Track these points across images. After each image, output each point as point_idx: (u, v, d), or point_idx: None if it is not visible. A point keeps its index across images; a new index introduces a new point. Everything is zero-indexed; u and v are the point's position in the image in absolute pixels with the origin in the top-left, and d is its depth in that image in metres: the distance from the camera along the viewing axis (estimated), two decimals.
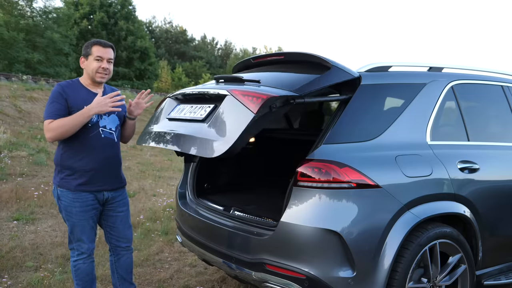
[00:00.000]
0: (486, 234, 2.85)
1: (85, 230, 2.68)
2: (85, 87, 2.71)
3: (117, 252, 2.91)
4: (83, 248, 2.70)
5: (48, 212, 5.30)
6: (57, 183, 2.67)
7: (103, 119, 2.69)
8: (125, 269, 2.92)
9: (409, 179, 2.47)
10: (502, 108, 3.33)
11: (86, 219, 2.67)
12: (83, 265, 2.71)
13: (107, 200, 2.77)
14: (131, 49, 37.59)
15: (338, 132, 2.47)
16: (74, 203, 2.63)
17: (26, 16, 31.15)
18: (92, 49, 2.67)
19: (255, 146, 4.03)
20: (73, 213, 2.64)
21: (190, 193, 3.33)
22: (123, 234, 2.88)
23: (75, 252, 2.72)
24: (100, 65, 2.65)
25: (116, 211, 2.83)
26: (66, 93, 2.61)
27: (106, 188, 2.73)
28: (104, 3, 37.60)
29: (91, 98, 2.62)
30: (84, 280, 2.73)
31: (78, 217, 2.65)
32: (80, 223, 2.66)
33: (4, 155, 7.61)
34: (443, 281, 2.62)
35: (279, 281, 2.40)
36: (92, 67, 2.65)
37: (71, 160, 2.63)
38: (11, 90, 12.58)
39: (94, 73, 2.66)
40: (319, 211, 2.31)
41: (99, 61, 2.65)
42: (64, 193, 2.64)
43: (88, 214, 2.68)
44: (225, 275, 3.68)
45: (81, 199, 2.63)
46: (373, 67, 2.82)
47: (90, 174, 2.64)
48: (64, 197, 2.64)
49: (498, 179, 3.03)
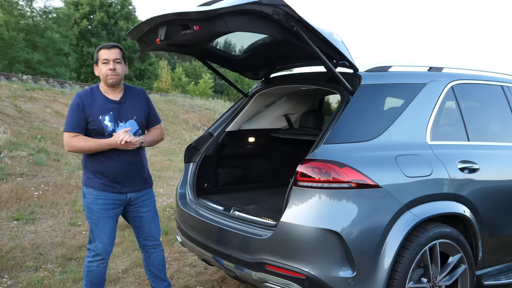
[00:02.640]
0: (486, 234, 2.85)
1: (105, 229, 2.72)
2: (102, 94, 2.75)
3: (146, 250, 2.97)
4: (99, 249, 2.73)
5: (48, 212, 5.30)
6: (83, 182, 2.77)
7: (120, 126, 2.71)
8: (156, 266, 2.98)
9: (409, 179, 2.47)
10: (502, 108, 3.33)
11: (106, 217, 2.72)
12: (96, 268, 2.76)
13: (131, 201, 2.81)
14: (131, 49, 37.54)
15: (338, 132, 2.47)
16: (97, 201, 2.69)
17: (26, 16, 31.14)
18: (99, 54, 2.71)
19: (255, 146, 4.03)
20: (94, 211, 2.70)
21: (190, 193, 3.33)
22: (150, 233, 2.92)
23: (91, 253, 2.77)
24: (108, 68, 2.68)
25: (140, 211, 2.87)
26: (83, 103, 2.67)
27: (128, 191, 2.77)
28: (104, 3, 37.58)
29: (107, 105, 2.69)
30: (93, 282, 2.78)
31: (99, 215, 2.70)
32: (100, 221, 2.71)
33: (4, 155, 7.60)
34: (443, 281, 2.62)
35: (279, 281, 2.40)
36: (102, 71, 2.70)
37: (92, 164, 2.72)
38: (11, 90, 12.57)
39: (105, 77, 2.70)
40: (319, 211, 2.31)
41: (106, 64, 2.69)
42: (89, 191, 2.72)
43: (108, 213, 2.72)
44: (225, 275, 3.68)
45: (103, 197, 2.70)
46: (373, 67, 2.83)
47: (111, 177, 2.71)
48: (88, 195, 2.72)
49: (498, 179, 3.03)
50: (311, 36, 2.45)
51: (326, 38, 2.50)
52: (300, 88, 3.72)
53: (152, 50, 2.95)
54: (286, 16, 2.30)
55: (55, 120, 11.98)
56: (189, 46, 3.12)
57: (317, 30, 2.43)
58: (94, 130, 2.67)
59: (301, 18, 2.32)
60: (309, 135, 3.63)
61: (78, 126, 2.64)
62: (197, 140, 3.56)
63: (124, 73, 2.78)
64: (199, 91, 38.70)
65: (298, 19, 2.33)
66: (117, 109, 2.71)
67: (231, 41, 3.23)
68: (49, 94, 14.10)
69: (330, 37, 2.53)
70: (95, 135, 2.67)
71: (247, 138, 3.95)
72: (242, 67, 3.58)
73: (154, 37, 2.62)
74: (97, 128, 2.66)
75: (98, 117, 2.65)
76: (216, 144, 3.57)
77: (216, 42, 3.18)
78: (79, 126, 2.64)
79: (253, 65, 3.54)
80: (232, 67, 3.55)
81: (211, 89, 42.31)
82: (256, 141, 4.02)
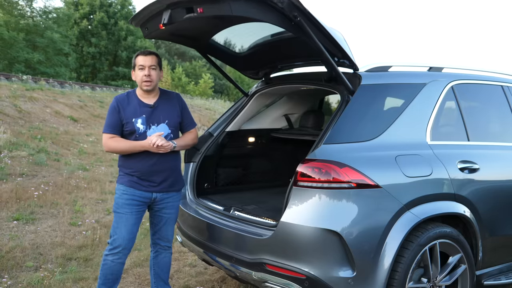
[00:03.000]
0: (486, 234, 2.85)
1: (127, 224, 2.78)
2: (138, 97, 2.84)
3: (156, 249, 3.02)
4: (116, 243, 2.79)
5: (48, 212, 5.30)
6: (118, 179, 2.90)
7: (152, 129, 2.79)
8: (161, 267, 3.03)
9: (409, 179, 2.47)
10: (502, 108, 3.32)
11: (130, 213, 2.78)
12: (110, 262, 2.80)
13: (156, 200, 2.86)
14: (131, 49, 37.58)
15: (338, 132, 2.47)
16: (123, 195, 2.79)
17: (26, 16, 31.15)
18: (136, 60, 2.82)
19: (255, 146, 4.03)
20: (119, 205, 2.80)
21: (190, 193, 3.33)
22: (165, 234, 2.98)
23: (108, 247, 2.83)
24: (143, 73, 2.77)
25: (162, 212, 2.91)
26: (120, 106, 2.79)
27: (154, 190, 2.83)
28: (104, 3, 37.59)
29: (140, 109, 2.79)
30: (107, 277, 2.82)
31: (124, 209, 2.78)
32: (124, 215, 2.78)
33: (4, 155, 7.60)
34: (443, 281, 2.62)
35: (279, 281, 2.40)
36: (138, 77, 2.80)
37: (124, 163, 2.83)
38: (11, 90, 12.57)
39: (141, 83, 2.80)
40: (319, 211, 2.31)
41: (142, 70, 2.78)
42: (118, 187, 2.84)
43: (132, 208, 2.79)
44: (225, 275, 3.68)
45: (129, 193, 2.78)
46: (373, 67, 2.83)
47: (139, 176, 2.78)
48: (117, 191, 2.84)
49: (498, 179, 3.03)
50: (314, 30, 2.45)
51: (329, 34, 2.50)
52: (300, 88, 3.72)
53: (155, 37, 2.97)
54: (290, 5, 2.30)
55: (55, 120, 11.98)
56: (192, 38, 3.13)
57: (321, 24, 2.43)
58: (127, 131, 2.77)
59: (305, 9, 2.32)
60: (309, 135, 3.63)
61: (114, 128, 2.77)
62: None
63: (159, 79, 2.88)
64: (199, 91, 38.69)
65: (302, 10, 2.32)
66: (150, 113, 2.80)
67: (234, 37, 3.23)
68: (49, 94, 14.10)
69: (333, 33, 2.53)
70: (128, 136, 2.79)
71: (247, 138, 3.95)
72: (243, 65, 3.58)
73: (158, 21, 2.64)
74: (130, 130, 2.76)
75: (132, 119, 2.76)
76: (216, 144, 3.57)
77: (219, 37, 3.19)
78: (115, 128, 2.77)
79: (255, 64, 3.54)
80: (233, 64, 3.56)
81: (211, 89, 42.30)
82: (256, 141, 4.02)
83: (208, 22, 2.80)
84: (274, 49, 3.20)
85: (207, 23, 2.83)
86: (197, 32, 3.02)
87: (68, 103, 14.06)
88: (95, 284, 3.45)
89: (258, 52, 3.28)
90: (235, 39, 3.26)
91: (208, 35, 3.10)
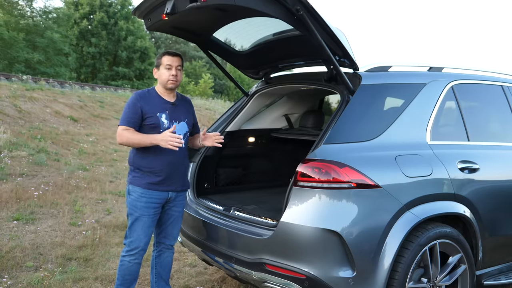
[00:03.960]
0: (486, 234, 2.85)
1: (145, 226, 2.80)
2: (159, 94, 2.88)
3: (159, 248, 3.04)
4: (134, 244, 2.81)
5: (48, 212, 5.30)
6: (129, 180, 2.86)
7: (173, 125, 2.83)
8: (163, 267, 3.05)
9: (409, 179, 2.47)
10: (502, 108, 3.32)
11: (147, 215, 2.80)
12: (128, 263, 2.83)
13: (170, 199, 2.90)
14: (131, 49, 37.54)
15: (338, 132, 2.47)
16: (141, 198, 2.78)
17: (26, 16, 31.12)
18: (162, 59, 2.84)
19: (255, 146, 4.03)
20: (137, 207, 2.79)
21: (190, 193, 3.34)
22: (171, 232, 3.00)
23: (125, 248, 2.85)
24: (170, 73, 2.81)
25: (173, 210, 2.94)
26: (141, 101, 2.80)
27: (171, 189, 2.86)
28: (104, 3, 37.56)
29: (163, 105, 2.84)
30: (124, 278, 2.84)
31: (141, 212, 2.79)
32: (141, 218, 2.79)
33: (4, 155, 7.60)
34: (443, 281, 2.62)
35: (279, 281, 2.40)
36: (164, 76, 2.82)
37: (142, 161, 2.81)
38: (11, 90, 12.56)
39: (166, 82, 2.83)
40: (319, 211, 2.31)
41: (169, 70, 2.82)
42: (134, 189, 2.81)
43: (150, 211, 2.81)
44: (225, 275, 3.68)
45: (148, 195, 2.79)
46: (373, 67, 2.83)
47: (158, 174, 2.79)
48: (133, 193, 2.81)
49: (498, 179, 3.03)
50: (316, 25, 2.45)
51: (331, 31, 2.50)
52: (300, 88, 3.72)
53: (157, 28, 2.98)
54: None
55: (55, 120, 11.98)
56: (194, 33, 3.14)
57: (323, 20, 2.43)
58: (151, 125, 2.78)
59: (308, 3, 2.32)
60: (309, 135, 3.63)
61: (131, 121, 2.75)
62: None
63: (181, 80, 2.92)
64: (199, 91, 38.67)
65: (305, 4, 2.32)
66: (172, 110, 2.85)
67: (235, 35, 3.23)
68: (49, 94, 14.09)
69: (335, 31, 2.53)
70: (150, 130, 2.78)
71: (247, 138, 3.95)
72: (244, 64, 3.59)
73: (161, 12, 2.65)
74: (154, 124, 2.78)
75: (156, 114, 2.79)
76: None
77: (220, 34, 3.19)
78: (132, 122, 2.76)
79: (255, 63, 3.54)
80: (234, 62, 3.56)
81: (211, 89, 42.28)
82: (256, 141, 4.02)
83: (210, 15, 2.81)
84: (275, 48, 3.20)
85: (209, 16, 2.83)
86: (198, 27, 3.03)
87: (68, 103, 14.05)
88: (95, 284, 3.45)
89: (259, 51, 3.28)
90: (237, 37, 3.26)
91: (209, 30, 3.11)
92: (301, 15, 2.35)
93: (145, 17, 2.88)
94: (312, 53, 3.05)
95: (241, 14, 2.72)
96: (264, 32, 3.04)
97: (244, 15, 2.75)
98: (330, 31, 2.50)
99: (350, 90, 2.63)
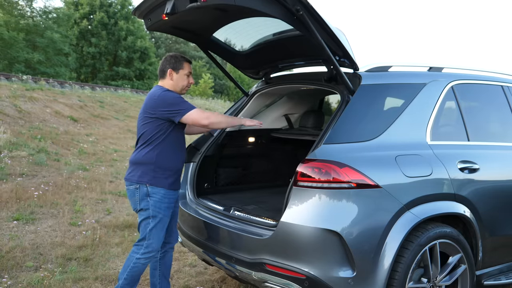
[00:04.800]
0: (486, 234, 2.85)
1: (164, 227, 2.84)
2: None
3: (165, 249, 3.05)
4: (154, 247, 2.81)
5: (48, 212, 5.30)
6: (148, 181, 2.76)
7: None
8: (167, 267, 3.09)
9: (409, 179, 2.47)
10: (502, 108, 3.32)
11: (167, 216, 2.85)
12: (142, 266, 2.82)
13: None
14: (131, 49, 37.55)
15: (338, 132, 2.47)
16: (164, 199, 2.79)
17: (26, 16, 31.11)
18: (184, 65, 2.88)
19: (255, 146, 4.03)
20: (162, 209, 2.79)
21: (190, 193, 3.33)
22: (174, 230, 3.06)
23: (141, 249, 2.80)
24: (189, 81, 2.91)
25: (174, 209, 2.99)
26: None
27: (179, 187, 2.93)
28: (104, 3, 37.56)
29: None
30: (134, 277, 2.84)
31: (165, 213, 2.81)
32: (164, 219, 2.83)
33: (4, 155, 7.60)
34: (443, 281, 2.62)
35: (279, 281, 2.40)
36: (183, 82, 2.89)
37: (167, 159, 2.79)
38: (11, 90, 12.55)
39: (183, 87, 2.90)
40: (319, 211, 2.31)
41: (188, 77, 2.90)
42: (156, 190, 2.77)
43: (169, 212, 2.86)
44: (225, 275, 3.68)
45: (170, 196, 2.82)
46: (373, 67, 2.83)
47: (177, 173, 2.84)
48: (156, 194, 2.77)
49: (498, 179, 3.03)
50: (316, 25, 2.45)
51: (331, 31, 2.49)
52: (300, 88, 3.72)
53: (157, 28, 2.98)
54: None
55: (55, 120, 11.97)
56: (194, 33, 3.14)
57: (323, 20, 2.43)
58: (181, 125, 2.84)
59: (308, 3, 2.32)
60: (309, 135, 3.63)
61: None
62: (197, 140, 3.56)
63: None
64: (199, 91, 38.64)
65: (304, 4, 2.32)
66: None
67: (235, 35, 3.23)
68: (49, 94, 14.09)
69: (335, 31, 2.52)
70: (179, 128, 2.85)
71: (247, 138, 3.95)
72: (244, 64, 3.59)
73: (161, 12, 2.65)
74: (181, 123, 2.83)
75: None
76: (216, 144, 3.57)
77: (220, 34, 3.19)
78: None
79: (255, 63, 3.54)
80: (234, 62, 3.56)
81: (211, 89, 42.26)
82: (256, 141, 4.02)
83: (210, 16, 2.80)
84: (275, 48, 3.20)
85: (209, 17, 2.83)
86: (198, 27, 3.03)
87: (68, 103, 14.05)
88: (95, 284, 3.45)
89: (259, 51, 3.28)
90: (237, 37, 3.26)
91: (209, 30, 3.11)
92: (301, 15, 2.35)
93: (145, 17, 2.88)
94: (312, 53, 3.05)
95: (241, 14, 2.72)
96: (264, 32, 3.04)
97: (244, 15, 2.75)
98: (330, 31, 2.49)
99: (350, 90, 2.63)
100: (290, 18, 2.42)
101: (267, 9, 2.38)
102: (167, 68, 2.86)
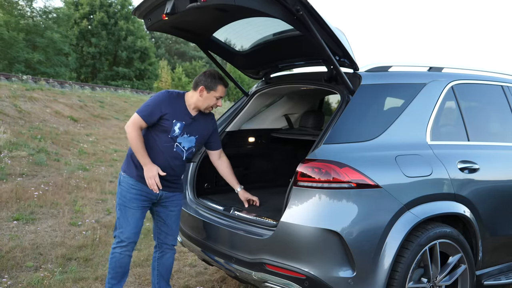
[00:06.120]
0: (486, 234, 2.85)
1: (134, 218, 2.81)
2: (185, 104, 2.87)
3: (162, 249, 3.04)
4: (123, 236, 2.81)
5: (48, 212, 5.30)
6: (123, 169, 2.87)
7: (183, 137, 2.85)
8: (166, 267, 3.05)
9: (409, 179, 2.47)
10: (502, 108, 3.32)
11: (136, 207, 2.81)
12: (118, 255, 2.84)
13: (162, 198, 2.91)
14: (131, 49, 37.57)
15: (338, 132, 2.47)
16: (131, 190, 2.80)
17: (26, 16, 31.13)
18: (218, 88, 2.84)
19: (255, 146, 4.03)
20: (127, 198, 2.80)
21: (190, 193, 3.33)
22: (172, 232, 3.01)
23: (116, 240, 2.86)
24: (216, 103, 2.87)
25: (169, 209, 2.96)
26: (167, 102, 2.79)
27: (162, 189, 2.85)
28: (104, 3, 37.56)
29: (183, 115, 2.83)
30: (115, 270, 2.85)
31: (131, 203, 2.80)
32: (130, 210, 2.80)
33: (4, 155, 7.60)
34: (443, 281, 2.62)
35: (279, 281, 2.40)
36: (210, 102, 2.85)
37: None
38: (11, 90, 12.56)
39: (207, 107, 2.86)
40: (319, 211, 2.31)
41: (217, 100, 2.87)
42: (125, 179, 2.83)
43: (140, 203, 2.82)
44: (225, 275, 3.68)
45: (138, 187, 2.80)
46: (373, 67, 2.83)
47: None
48: (124, 183, 2.83)
49: (498, 179, 3.03)
50: (316, 25, 2.45)
51: (331, 31, 2.49)
52: (300, 88, 3.72)
53: (157, 28, 2.98)
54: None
55: (55, 120, 11.98)
56: (194, 33, 3.13)
57: (323, 20, 2.43)
58: (163, 127, 2.79)
59: (308, 3, 2.32)
60: (309, 135, 3.63)
61: (149, 116, 2.75)
62: None
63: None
64: None
65: (304, 4, 2.32)
66: (189, 122, 2.86)
67: (235, 35, 3.23)
68: (49, 94, 14.09)
69: (335, 31, 2.52)
70: (161, 132, 2.80)
71: (247, 138, 3.95)
72: (244, 64, 3.58)
73: (161, 12, 2.65)
74: (166, 128, 2.79)
75: (173, 120, 2.79)
76: None
77: (220, 34, 3.19)
78: (150, 117, 2.75)
79: (255, 63, 3.54)
80: (234, 62, 3.56)
81: None
82: (256, 141, 4.02)
83: (210, 16, 2.80)
84: (275, 48, 3.20)
85: (209, 17, 2.83)
86: (198, 27, 3.03)
87: (68, 103, 14.05)
88: (95, 284, 3.45)
89: (259, 51, 3.28)
90: (237, 37, 3.26)
91: (209, 30, 3.11)
92: (301, 15, 2.35)
93: (145, 17, 2.88)
94: (312, 53, 3.05)
95: (241, 14, 2.72)
96: (264, 32, 3.04)
97: (244, 15, 2.75)
98: (330, 31, 2.49)
99: (350, 90, 2.63)
100: (290, 18, 2.42)
101: (267, 9, 2.38)
102: (200, 84, 2.83)
